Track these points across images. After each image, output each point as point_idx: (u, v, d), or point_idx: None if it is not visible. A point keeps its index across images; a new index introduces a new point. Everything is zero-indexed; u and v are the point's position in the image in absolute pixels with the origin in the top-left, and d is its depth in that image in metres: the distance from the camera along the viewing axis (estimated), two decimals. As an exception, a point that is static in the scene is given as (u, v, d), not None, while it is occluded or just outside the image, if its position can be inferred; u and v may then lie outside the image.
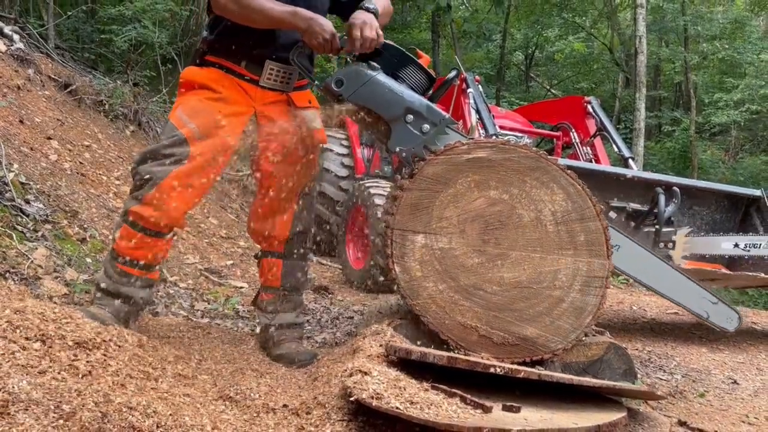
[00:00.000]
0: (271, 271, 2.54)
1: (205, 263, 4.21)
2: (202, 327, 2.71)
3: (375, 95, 2.17)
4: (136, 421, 1.46)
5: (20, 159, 3.85)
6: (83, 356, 1.69)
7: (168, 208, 2.16)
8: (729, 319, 3.07)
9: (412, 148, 2.17)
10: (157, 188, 2.14)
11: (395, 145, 2.19)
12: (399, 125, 2.18)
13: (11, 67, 5.36)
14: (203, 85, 2.31)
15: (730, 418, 2.38)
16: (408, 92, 2.20)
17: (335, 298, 4.06)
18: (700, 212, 4.03)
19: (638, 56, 10.28)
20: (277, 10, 2.19)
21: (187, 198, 2.20)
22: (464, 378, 1.80)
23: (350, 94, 2.18)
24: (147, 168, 2.19)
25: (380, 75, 2.19)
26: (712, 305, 3.05)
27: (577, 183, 2.11)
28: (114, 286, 2.23)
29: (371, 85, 2.17)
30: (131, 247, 2.20)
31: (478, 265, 2.06)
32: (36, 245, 2.97)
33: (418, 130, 2.18)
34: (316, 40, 2.19)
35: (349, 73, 2.20)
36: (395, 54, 2.29)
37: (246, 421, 1.66)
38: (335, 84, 2.19)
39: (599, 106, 4.86)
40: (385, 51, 2.27)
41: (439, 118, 2.20)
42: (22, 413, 1.37)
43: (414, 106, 2.18)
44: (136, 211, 2.16)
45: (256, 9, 2.19)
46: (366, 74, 2.18)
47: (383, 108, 2.18)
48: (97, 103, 6.13)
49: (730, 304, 3.15)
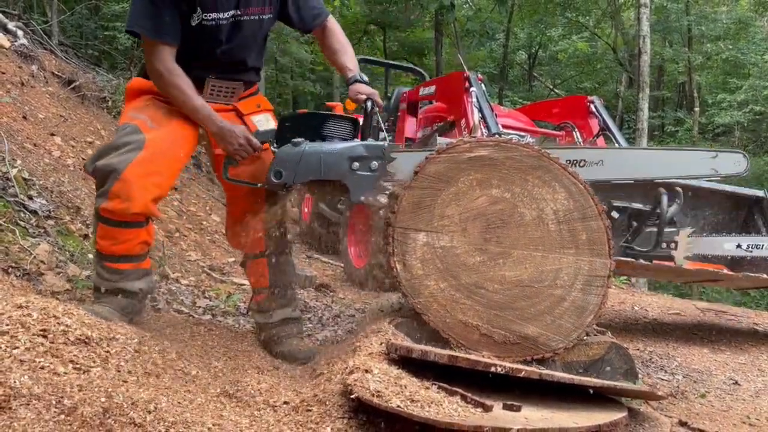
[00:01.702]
0: (258, 272, 2.55)
1: (207, 260, 4.21)
2: (204, 324, 2.71)
3: (314, 166, 2.17)
4: (137, 417, 1.46)
5: (23, 155, 3.86)
6: (85, 352, 1.69)
7: (135, 197, 2.13)
8: (737, 163, 2.86)
9: (373, 191, 2.18)
10: (120, 179, 2.13)
11: (357, 196, 2.20)
12: (350, 177, 2.18)
13: (15, 63, 5.37)
14: (150, 92, 2.36)
15: (731, 418, 2.38)
16: (341, 144, 2.21)
17: (337, 296, 4.07)
18: (703, 213, 4.02)
19: (641, 56, 10.25)
20: (193, 105, 2.25)
21: (151, 184, 2.19)
22: (465, 377, 1.80)
23: (293, 178, 2.18)
24: (105, 161, 2.17)
25: (308, 146, 2.19)
26: (714, 160, 2.93)
27: (579, 182, 2.11)
28: (110, 285, 2.24)
29: (306, 159, 2.17)
30: (113, 243, 2.21)
31: (479, 263, 2.06)
32: (38, 241, 2.97)
33: (369, 171, 2.18)
34: (230, 147, 2.25)
35: (281, 160, 2.19)
36: (309, 118, 2.31)
37: (247, 418, 1.66)
38: (275, 177, 2.19)
39: (602, 105, 4.85)
40: (300, 120, 2.29)
41: (380, 150, 2.20)
42: (24, 408, 1.38)
43: (355, 153, 2.18)
44: (105, 208, 2.15)
45: (176, 95, 2.24)
46: (296, 152, 2.18)
47: (328, 172, 2.18)
48: (101, 99, 6.15)
49: (729, 149, 3.01)
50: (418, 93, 5.17)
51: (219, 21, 2.28)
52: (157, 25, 2.20)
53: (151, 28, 2.20)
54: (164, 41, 2.21)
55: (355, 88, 2.41)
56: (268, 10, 2.37)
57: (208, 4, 2.24)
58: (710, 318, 4.49)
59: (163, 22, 2.19)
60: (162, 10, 2.18)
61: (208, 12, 2.25)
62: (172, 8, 2.20)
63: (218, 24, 2.28)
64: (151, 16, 2.19)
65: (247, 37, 2.38)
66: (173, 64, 2.23)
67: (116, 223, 2.18)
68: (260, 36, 2.45)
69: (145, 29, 2.22)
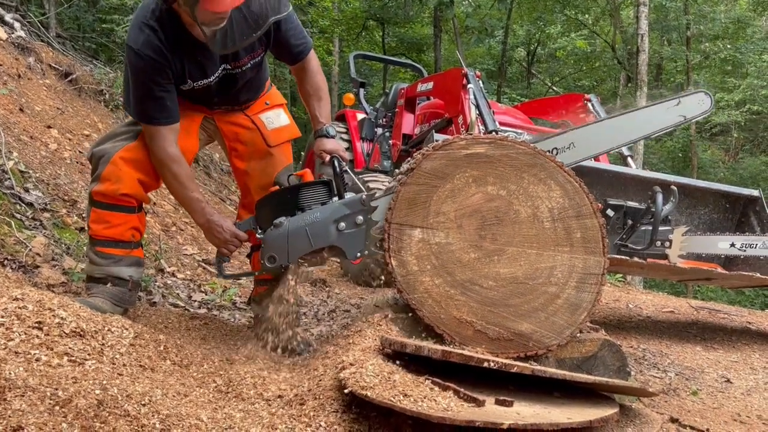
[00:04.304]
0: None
1: (203, 254, 4.21)
2: (199, 317, 2.72)
3: (303, 241, 2.18)
4: (131, 410, 1.47)
5: (20, 147, 3.85)
6: (80, 344, 1.70)
7: (123, 179, 2.24)
8: (701, 102, 2.86)
9: (365, 245, 2.18)
10: (110, 162, 2.24)
11: (353, 254, 2.20)
12: (341, 239, 2.18)
13: (12, 55, 5.35)
14: None
15: (722, 416, 2.40)
16: (321, 211, 2.20)
17: (332, 292, 4.08)
18: (697, 211, 4.04)
19: (640, 54, 10.26)
20: (186, 196, 2.29)
21: (138, 168, 2.27)
22: (459, 372, 1.81)
23: (287, 259, 2.20)
24: (100, 148, 2.30)
25: (291, 223, 2.19)
26: (678, 107, 2.85)
27: (574, 180, 2.12)
28: (101, 270, 2.29)
29: (293, 237, 2.18)
30: (105, 227, 2.28)
31: (474, 260, 2.07)
32: (34, 233, 2.97)
33: (355, 227, 2.18)
34: (217, 241, 2.29)
35: (270, 245, 2.20)
36: (283, 195, 2.29)
37: (240, 411, 1.67)
38: (269, 262, 2.20)
39: (599, 103, 4.85)
40: (275, 199, 2.28)
41: (359, 203, 2.19)
42: (18, 399, 1.38)
43: (337, 215, 2.18)
44: (97, 191, 2.25)
45: (173, 183, 2.28)
46: (281, 233, 2.18)
47: (318, 241, 2.18)
48: (98, 92, 6.13)
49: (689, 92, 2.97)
50: (416, 89, 5.16)
51: (210, 83, 2.29)
52: (154, 110, 2.19)
53: (151, 115, 2.20)
54: (163, 124, 2.22)
55: (320, 145, 2.39)
56: (259, 52, 2.36)
57: (196, 75, 2.25)
58: (704, 316, 4.51)
59: (160, 106, 2.19)
60: (156, 94, 2.17)
61: (197, 81, 2.27)
62: (166, 92, 2.19)
63: (209, 85, 2.30)
64: (147, 102, 2.18)
65: (243, 84, 2.40)
66: (173, 149, 2.24)
67: (108, 206, 2.26)
68: (258, 72, 2.44)
69: (141, 117, 2.24)
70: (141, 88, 2.17)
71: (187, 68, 2.20)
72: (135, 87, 2.18)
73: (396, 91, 5.64)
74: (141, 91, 2.17)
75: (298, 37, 2.38)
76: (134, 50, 2.11)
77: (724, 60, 14.40)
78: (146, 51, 2.10)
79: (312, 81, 2.46)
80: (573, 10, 16.36)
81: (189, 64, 2.20)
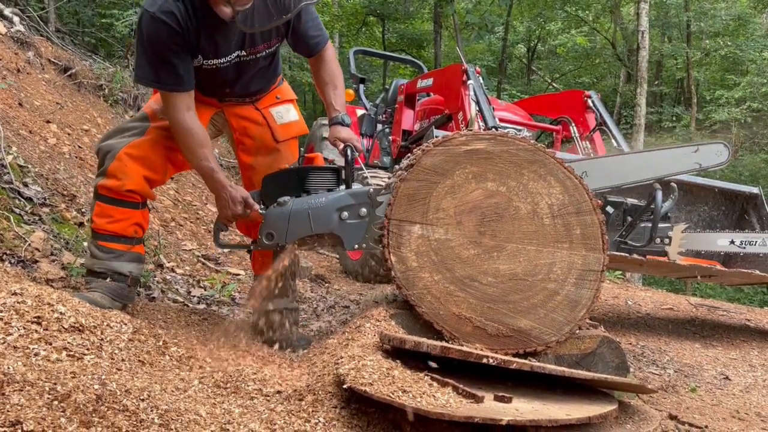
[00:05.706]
0: (263, 260, 2.56)
1: (202, 250, 4.21)
2: (198, 313, 2.72)
3: (304, 223, 2.16)
4: (130, 405, 1.47)
5: (19, 142, 3.84)
6: (79, 339, 1.70)
7: (129, 175, 2.25)
8: (719, 154, 2.90)
9: (365, 238, 2.16)
10: (116, 158, 2.25)
11: (352, 244, 2.18)
12: (342, 227, 2.16)
13: (11, 50, 5.34)
14: None
15: (720, 413, 2.40)
16: (327, 197, 2.18)
17: (332, 288, 4.08)
18: (697, 209, 4.04)
19: (640, 51, 10.25)
20: (197, 165, 2.25)
21: (144, 165, 2.28)
22: (458, 368, 1.81)
23: (285, 238, 2.18)
24: (108, 143, 2.31)
25: (295, 204, 2.18)
26: (696, 154, 2.89)
27: (574, 177, 2.11)
28: (101, 264, 2.29)
29: (294, 217, 2.16)
30: (108, 222, 2.28)
31: (473, 256, 2.07)
32: (33, 228, 2.97)
33: (358, 218, 2.16)
34: (228, 210, 2.24)
35: (270, 222, 2.19)
36: (291, 174, 2.27)
37: (239, 407, 1.67)
38: (267, 239, 2.19)
39: (599, 100, 4.84)
40: (282, 178, 2.25)
41: (365, 195, 2.17)
42: (17, 394, 1.38)
43: (342, 204, 2.16)
44: (102, 185, 2.26)
45: (187, 148, 2.23)
46: (284, 212, 2.17)
47: (319, 226, 2.16)
48: (97, 87, 6.12)
49: (709, 141, 3.00)
50: (416, 85, 5.16)
51: (219, 65, 2.27)
52: (167, 76, 2.17)
53: (163, 81, 2.18)
54: (177, 90, 2.19)
55: (335, 133, 2.37)
56: (275, 42, 2.35)
57: (208, 53, 2.23)
58: (703, 313, 4.52)
59: (174, 73, 2.16)
60: (170, 60, 2.14)
61: (208, 59, 2.25)
62: (179, 59, 2.16)
63: (218, 67, 2.27)
64: (159, 67, 2.15)
65: (255, 72, 2.38)
66: (184, 116, 2.20)
67: (112, 201, 2.26)
68: (271, 63, 2.43)
69: (154, 82, 2.22)
70: (154, 53, 2.13)
71: (201, 44, 2.18)
72: (147, 52, 2.14)
73: (396, 87, 5.63)
74: (154, 56, 2.13)
75: (316, 29, 2.39)
76: (150, 13, 2.08)
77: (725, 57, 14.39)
78: (162, 15, 2.07)
79: (328, 69, 2.45)
80: (573, 7, 16.33)
81: (203, 40, 2.17)
